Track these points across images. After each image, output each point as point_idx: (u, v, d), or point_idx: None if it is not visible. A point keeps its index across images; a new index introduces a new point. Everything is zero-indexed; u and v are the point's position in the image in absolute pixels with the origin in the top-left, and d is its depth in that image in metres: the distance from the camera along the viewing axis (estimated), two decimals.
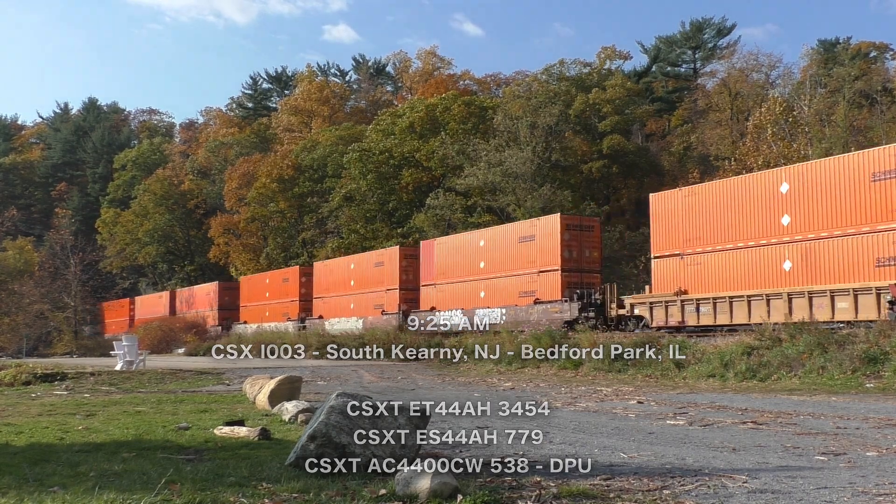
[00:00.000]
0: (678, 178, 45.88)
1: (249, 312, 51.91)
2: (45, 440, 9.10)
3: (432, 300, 36.26)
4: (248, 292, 53.04)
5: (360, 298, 40.62)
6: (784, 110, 38.42)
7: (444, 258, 35.62)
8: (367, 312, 39.67)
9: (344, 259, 43.92)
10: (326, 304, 43.37)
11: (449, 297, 35.09)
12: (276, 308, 48.44)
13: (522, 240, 31.19)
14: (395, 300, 38.14)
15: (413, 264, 38.30)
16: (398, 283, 38.13)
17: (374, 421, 6.88)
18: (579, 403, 13.68)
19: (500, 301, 31.87)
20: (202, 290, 59.09)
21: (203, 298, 58.02)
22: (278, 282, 48.92)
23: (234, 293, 55.32)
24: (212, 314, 55.73)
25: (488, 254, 32.95)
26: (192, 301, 59.84)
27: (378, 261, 39.94)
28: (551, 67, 56.54)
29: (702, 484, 6.18)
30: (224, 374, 23.40)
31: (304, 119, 70.34)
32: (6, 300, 54.76)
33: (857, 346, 17.37)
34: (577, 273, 29.59)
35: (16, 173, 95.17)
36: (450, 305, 34.52)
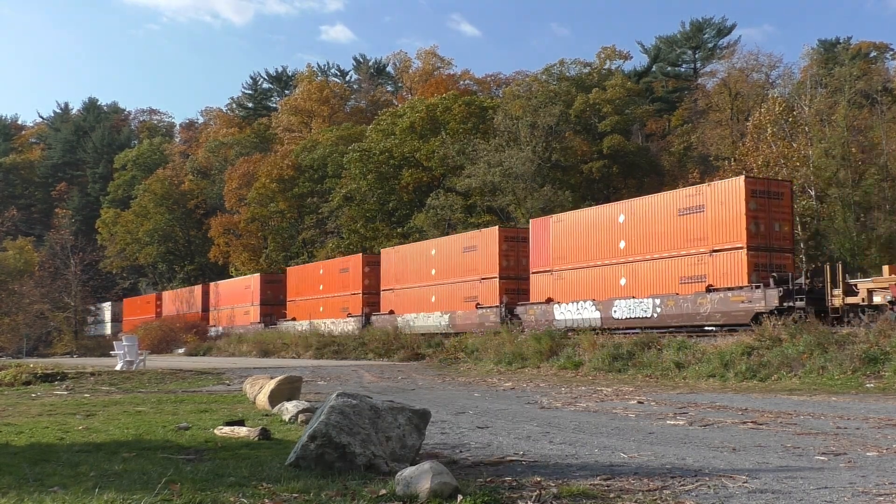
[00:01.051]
0: (678, 178, 45.91)
1: (298, 308, 46.77)
2: (45, 440, 9.10)
3: (547, 290, 29.29)
4: (296, 285, 47.73)
5: (444, 290, 34.68)
6: (784, 110, 38.39)
7: (564, 239, 28.91)
8: (453, 306, 33.70)
9: (422, 245, 38.31)
10: (399, 296, 37.75)
11: (572, 285, 28.29)
12: (333, 303, 43.17)
13: (686, 212, 24.56)
14: (493, 291, 32.04)
15: (514, 248, 32.25)
16: (497, 271, 31.79)
17: (374, 421, 6.88)
18: (579, 403, 13.68)
19: (655, 288, 25.12)
20: (240, 284, 54.78)
21: (241, 293, 53.52)
22: (334, 272, 43.64)
23: (278, 287, 50.83)
24: (252, 310, 51.32)
25: (630, 231, 26.24)
26: (228, 296, 55.43)
27: (469, 244, 33.51)
28: (551, 67, 56.58)
29: (702, 484, 6.18)
30: (224, 374, 23.40)
31: (304, 119, 70.36)
32: (6, 300, 54.76)
33: (857, 346, 17.38)
34: (766, 252, 23.18)
35: (16, 173, 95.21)
36: (574, 297, 27.92)
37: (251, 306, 51.10)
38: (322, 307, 43.73)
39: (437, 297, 35.12)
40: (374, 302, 39.90)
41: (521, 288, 31.66)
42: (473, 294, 33.08)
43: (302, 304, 46.12)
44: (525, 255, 31.49)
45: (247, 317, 51.39)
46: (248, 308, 51.39)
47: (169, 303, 63.70)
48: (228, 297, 55.16)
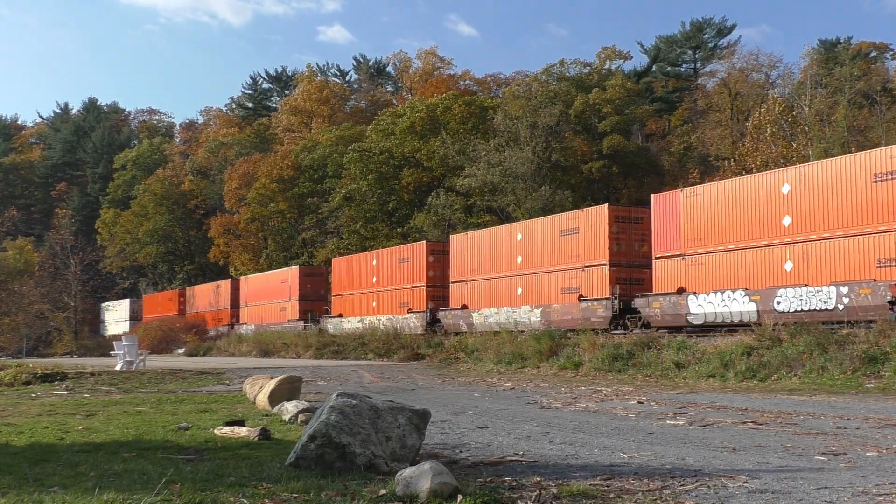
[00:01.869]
0: (678, 178, 45.93)
1: (347, 304, 41.91)
2: (45, 440, 9.10)
3: (676, 277, 24.34)
4: (343, 278, 42.83)
5: (534, 281, 29.76)
6: (784, 110, 38.43)
7: (700, 216, 23.90)
8: (547, 298, 28.96)
9: (504, 229, 33.04)
10: (474, 289, 32.61)
11: (713, 271, 23.42)
12: (390, 297, 38.26)
13: (882, 177, 19.54)
14: (601, 280, 26.75)
15: (625, 230, 27.05)
16: (606, 256, 26.80)
17: (374, 421, 6.88)
18: (579, 403, 13.68)
19: (840, 274, 20.26)
20: (275, 278, 50.10)
21: (276, 287, 49.02)
22: (391, 263, 38.73)
23: (319, 280, 47.09)
24: (290, 306, 46.93)
25: (799, 204, 21.45)
26: (261, 291, 51.08)
27: (569, 227, 28.49)
28: (551, 67, 56.58)
29: (702, 484, 6.18)
30: (224, 374, 23.40)
31: (304, 119, 70.39)
32: (6, 300, 54.78)
33: (857, 346, 17.38)
34: None
35: (16, 173, 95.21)
36: (717, 285, 23.07)
37: (288, 302, 46.88)
38: (375, 302, 39.17)
39: (525, 288, 30.06)
40: (441, 296, 35.18)
41: (634, 277, 27.21)
42: (574, 284, 28.06)
43: (351, 300, 41.45)
44: (637, 238, 27.01)
45: (283, 314, 47.27)
46: (285, 304, 47.13)
47: (193, 299, 60.56)
48: (261, 292, 50.89)
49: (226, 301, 54.83)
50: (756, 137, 38.25)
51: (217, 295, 56.67)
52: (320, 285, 46.63)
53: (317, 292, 46.39)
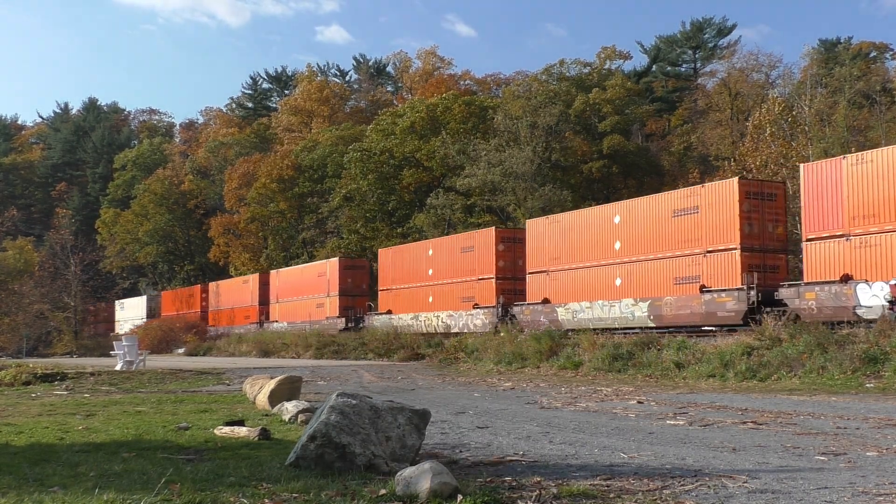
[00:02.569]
0: (678, 178, 45.95)
1: (397, 299, 37.77)
2: (46, 440, 9.10)
3: (842, 262, 20.47)
4: (392, 271, 38.58)
5: (638, 270, 25.55)
6: (784, 110, 38.43)
7: (870, 187, 20.06)
8: (656, 290, 24.80)
9: (594, 211, 28.78)
10: (557, 281, 28.30)
11: None
12: (450, 291, 33.83)
13: None
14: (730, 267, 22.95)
15: (757, 208, 23.27)
16: (737, 239, 22.88)
17: (374, 421, 6.88)
18: (579, 403, 13.68)
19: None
20: (310, 271, 46.06)
21: (311, 282, 44.90)
22: (452, 253, 34.21)
23: (361, 273, 43.31)
24: (328, 302, 42.74)
25: None
26: (294, 286, 47.14)
27: (683, 206, 24.41)
28: (551, 67, 56.58)
29: (702, 484, 6.18)
30: (224, 374, 23.40)
31: (304, 119, 70.41)
32: (6, 300, 54.76)
33: (857, 346, 17.38)
34: None
35: (16, 173, 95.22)
36: None
37: (326, 297, 42.87)
38: (432, 296, 34.84)
39: (625, 279, 25.93)
40: (513, 289, 31.26)
41: (768, 263, 23.47)
42: (692, 273, 23.86)
43: (402, 294, 37.23)
44: (771, 218, 23.43)
45: (320, 310, 43.39)
46: (322, 300, 43.22)
47: (217, 295, 57.01)
48: (293, 287, 46.94)
49: (254, 297, 51.19)
50: (756, 137, 38.23)
51: (244, 290, 53.01)
52: (362, 279, 42.91)
53: (358, 287, 42.56)
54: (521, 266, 31.06)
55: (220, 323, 54.69)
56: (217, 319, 55.66)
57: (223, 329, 52.83)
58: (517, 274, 31.27)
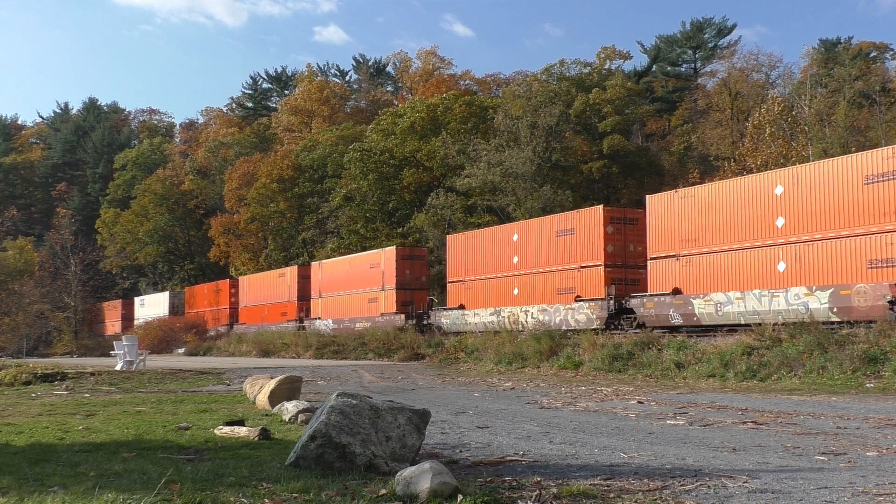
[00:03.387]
0: (678, 178, 45.97)
1: (469, 292, 32.83)
2: (46, 440, 9.10)
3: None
4: (462, 260, 33.45)
5: (809, 252, 20.87)
6: (784, 110, 38.46)
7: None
8: (840, 276, 20.07)
9: (750, 179, 23.76)
10: (693, 267, 23.93)
11: None
12: (543, 282, 29.08)
13: None
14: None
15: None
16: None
17: (374, 421, 6.88)
18: (579, 403, 13.68)
19: None
20: (360, 262, 40.67)
21: (362, 274, 39.98)
22: (546, 237, 29.10)
23: (420, 264, 38.24)
24: (382, 296, 38.16)
25: None
26: (341, 278, 41.96)
27: (879, 172, 19.72)
28: (551, 67, 56.62)
29: (702, 484, 6.18)
30: (224, 374, 23.41)
31: (304, 119, 70.44)
32: (6, 300, 54.77)
33: (857, 346, 17.38)
34: None
35: (16, 173, 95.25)
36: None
37: (380, 291, 38.10)
38: (517, 288, 30.25)
39: (790, 262, 21.38)
40: (625, 279, 26.63)
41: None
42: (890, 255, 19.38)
43: (478, 287, 32.40)
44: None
45: (373, 306, 38.73)
46: (376, 294, 38.44)
47: (248, 290, 52.44)
48: (340, 280, 41.88)
49: (291, 292, 46.88)
50: (756, 137, 38.28)
51: (280, 285, 48.33)
52: (421, 270, 38.24)
53: (417, 279, 37.79)
54: (633, 251, 26.79)
55: (252, 320, 50.91)
56: (248, 316, 51.82)
57: (255, 327, 48.91)
58: (628, 260, 26.82)
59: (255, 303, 51.16)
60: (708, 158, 47.82)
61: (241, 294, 53.42)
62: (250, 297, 52.04)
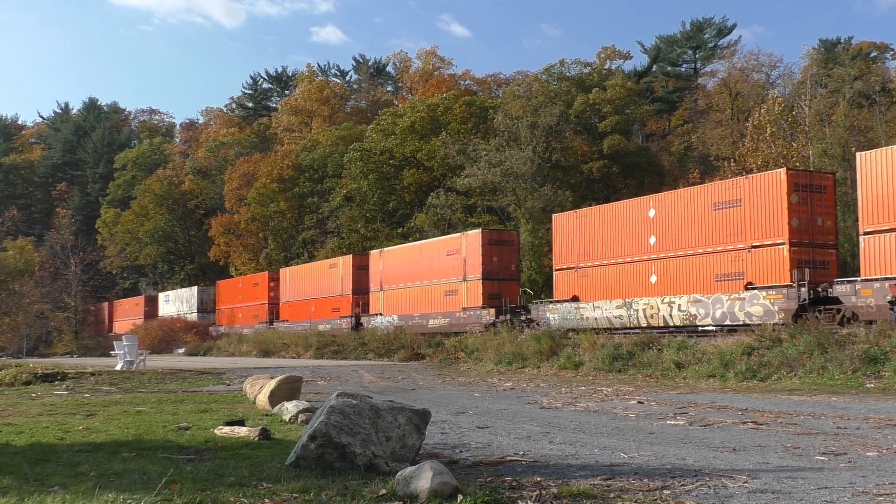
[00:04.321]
0: (678, 178, 45.96)
1: (585, 280, 27.82)
2: (46, 440, 9.10)
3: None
4: (574, 242, 28.91)
5: None
6: (784, 110, 38.45)
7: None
8: None
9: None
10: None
11: None
12: (694, 266, 24.38)
13: None
14: None
15: None
16: None
17: (374, 421, 6.88)
18: (580, 403, 13.68)
19: None
20: (435, 249, 35.27)
21: (437, 263, 34.72)
22: (697, 211, 24.56)
23: (510, 250, 33.12)
24: (463, 288, 32.92)
25: None
26: (411, 268, 36.60)
27: None
28: (551, 67, 56.61)
29: (702, 484, 6.18)
30: (224, 374, 23.41)
31: (304, 119, 70.45)
32: (6, 300, 54.76)
33: (857, 346, 17.38)
34: None
35: (16, 173, 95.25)
36: None
37: (461, 283, 33.09)
38: (655, 275, 25.39)
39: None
40: (811, 260, 21.77)
41: None
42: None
43: (597, 274, 27.48)
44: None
45: (451, 300, 33.54)
46: (455, 286, 33.36)
47: (291, 284, 47.37)
48: (408, 269, 36.63)
49: (345, 285, 41.58)
50: (756, 137, 38.27)
51: (331, 277, 42.94)
52: (510, 258, 33.02)
53: (506, 268, 32.64)
54: (822, 227, 22.34)
55: (296, 317, 45.95)
56: (291, 312, 46.97)
57: (300, 325, 44.26)
58: (816, 238, 22.14)
59: (299, 297, 45.91)
60: (708, 158, 47.81)
61: (283, 288, 48.11)
62: (294, 290, 46.82)
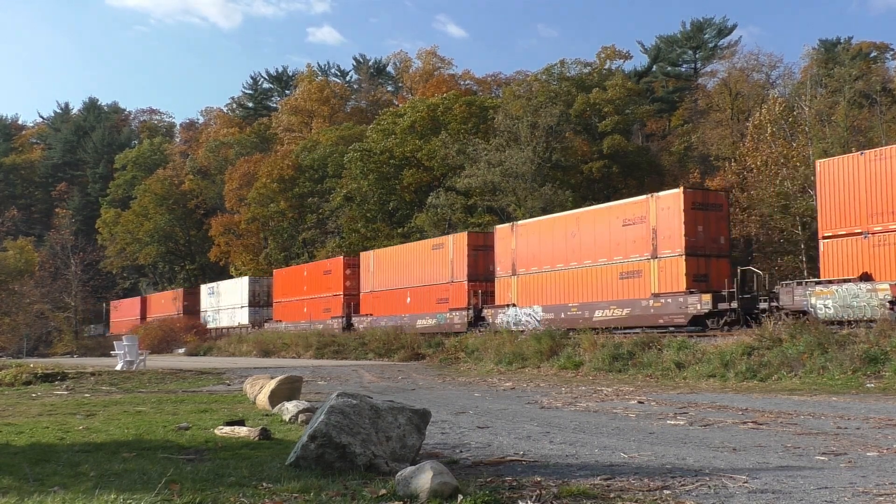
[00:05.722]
0: (678, 178, 45.95)
1: None
2: (46, 440, 9.10)
3: None
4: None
5: None
6: (784, 110, 38.45)
7: None
8: None
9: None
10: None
11: None
12: None
13: None
14: None
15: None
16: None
17: (374, 421, 6.88)
18: (580, 403, 13.68)
19: None
20: (601, 219, 27.59)
21: (608, 238, 26.95)
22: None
23: (716, 217, 24.96)
24: (649, 268, 25.32)
25: None
26: (553, 246, 29.00)
27: None
28: (552, 67, 56.57)
29: (702, 484, 6.18)
30: (224, 374, 23.40)
31: (304, 119, 70.44)
32: (6, 300, 54.79)
33: (857, 346, 17.36)
34: None
35: (16, 173, 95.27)
36: None
37: (647, 261, 25.37)
38: None
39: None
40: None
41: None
42: None
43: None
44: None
45: (629, 284, 25.88)
46: (637, 265, 25.68)
47: (378, 270, 38.99)
48: (555, 247, 28.97)
49: (458, 269, 33.15)
50: (756, 137, 38.27)
51: (436, 259, 34.79)
52: (720, 227, 25.16)
53: (715, 241, 24.81)
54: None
55: (383, 310, 38.04)
56: (375, 305, 39.00)
57: (390, 320, 36.28)
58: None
59: (387, 287, 38.08)
60: (708, 158, 47.82)
61: (364, 275, 40.17)
62: (380, 279, 38.79)
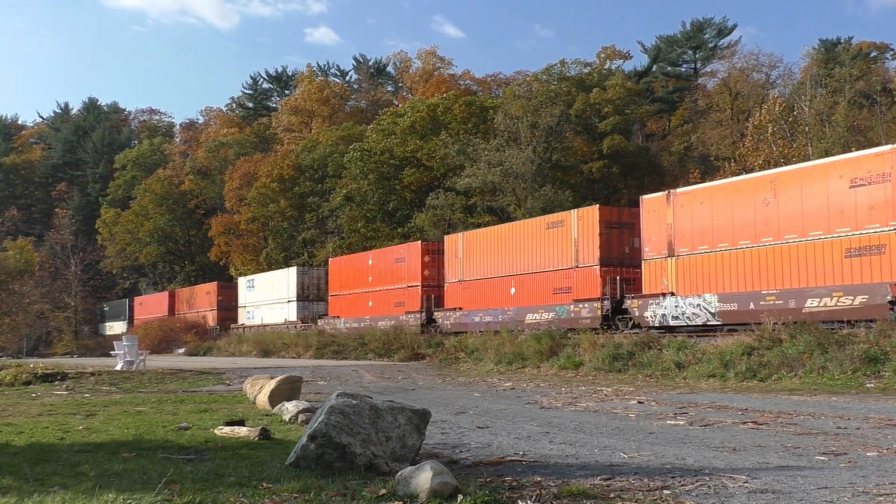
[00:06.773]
0: (678, 178, 45.94)
1: None
2: (46, 440, 9.10)
3: None
4: None
5: None
6: (784, 110, 38.47)
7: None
8: None
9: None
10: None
11: None
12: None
13: None
14: None
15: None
16: None
17: (374, 421, 6.88)
18: (579, 403, 13.68)
19: None
20: (776, 186, 20.72)
21: (774, 209, 20.79)
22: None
23: None
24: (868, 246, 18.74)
25: None
26: (711, 219, 22.39)
27: None
28: (552, 67, 56.57)
29: (702, 484, 6.18)
30: (224, 374, 23.40)
31: (304, 119, 70.42)
32: (6, 300, 54.78)
33: (857, 346, 17.36)
34: None
35: (16, 173, 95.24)
36: None
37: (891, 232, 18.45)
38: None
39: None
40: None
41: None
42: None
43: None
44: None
45: (858, 265, 18.99)
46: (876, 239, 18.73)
47: (468, 256, 32.28)
48: (733, 218, 21.89)
49: (584, 251, 26.63)
50: (756, 137, 38.29)
51: (550, 241, 28.13)
52: None
53: None
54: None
55: (476, 303, 31.68)
56: (465, 297, 32.35)
57: (492, 314, 30.57)
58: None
59: (481, 275, 31.54)
60: (708, 158, 47.82)
61: (451, 262, 33.41)
62: (472, 266, 32.16)
